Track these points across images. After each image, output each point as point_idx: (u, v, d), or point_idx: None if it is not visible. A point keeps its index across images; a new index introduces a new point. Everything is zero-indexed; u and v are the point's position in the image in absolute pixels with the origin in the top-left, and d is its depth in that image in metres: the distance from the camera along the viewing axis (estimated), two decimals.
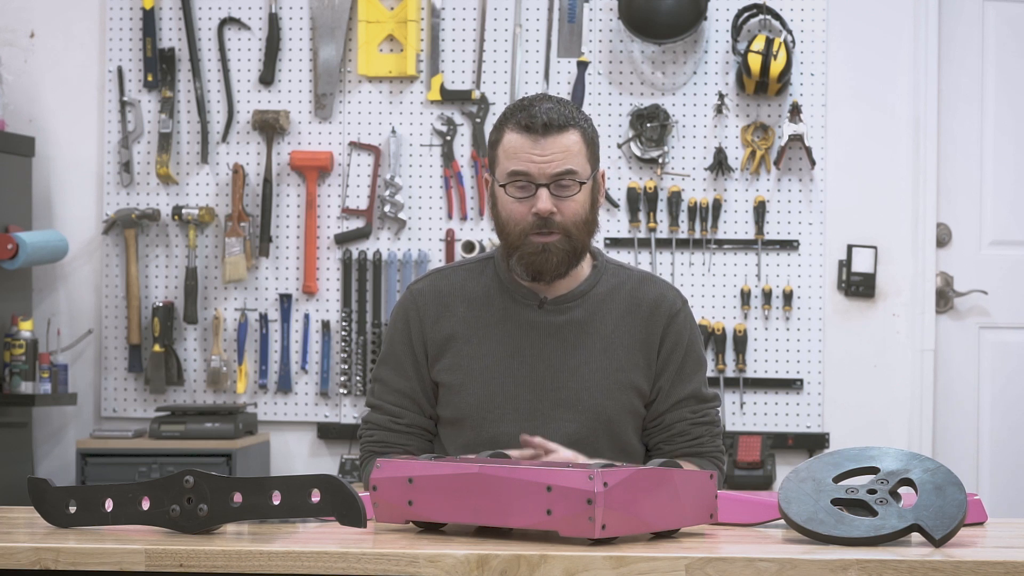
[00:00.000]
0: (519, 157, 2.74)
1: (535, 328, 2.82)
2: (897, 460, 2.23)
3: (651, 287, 2.88)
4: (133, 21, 5.26)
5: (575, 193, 2.75)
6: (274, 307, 5.22)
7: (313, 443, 5.22)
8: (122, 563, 2.04)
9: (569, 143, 2.75)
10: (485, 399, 2.79)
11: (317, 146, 5.22)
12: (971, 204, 5.19)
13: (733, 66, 5.11)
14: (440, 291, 2.86)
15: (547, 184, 2.73)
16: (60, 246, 5.10)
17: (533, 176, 2.74)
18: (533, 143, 2.73)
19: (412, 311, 2.86)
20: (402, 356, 2.86)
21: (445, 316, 2.84)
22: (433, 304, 2.85)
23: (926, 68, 5.11)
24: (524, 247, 2.76)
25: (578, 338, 2.81)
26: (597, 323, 2.83)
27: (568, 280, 2.85)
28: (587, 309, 2.84)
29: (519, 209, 2.75)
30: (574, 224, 2.76)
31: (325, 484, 2.13)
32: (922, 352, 5.11)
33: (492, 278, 2.86)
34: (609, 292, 2.86)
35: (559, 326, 2.82)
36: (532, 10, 5.19)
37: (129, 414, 5.24)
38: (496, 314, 2.83)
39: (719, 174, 5.11)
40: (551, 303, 2.83)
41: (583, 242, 2.79)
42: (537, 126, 2.73)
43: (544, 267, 2.76)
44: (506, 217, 2.78)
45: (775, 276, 5.11)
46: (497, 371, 2.80)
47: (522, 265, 2.77)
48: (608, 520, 2.06)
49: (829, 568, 1.95)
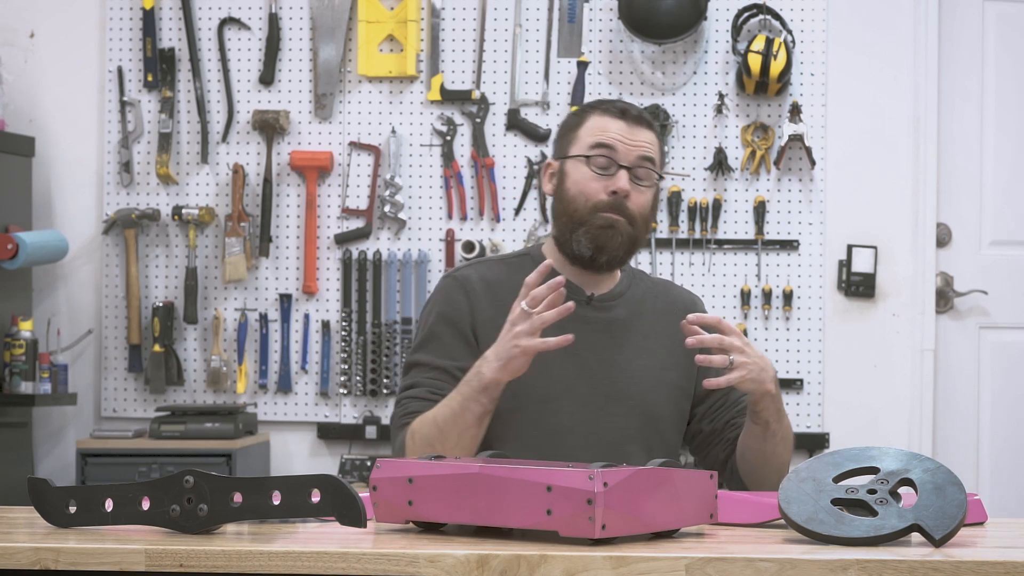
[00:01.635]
0: (608, 133, 2.80)
1: (586, 323, 2.82)
2: (897, 460, 2.23)
3: (680, 292, 2.97)
4: (133, 21, 5.26)
5: (648, 187, 2.82)
6: (274, 307, 5.22)
7: (313, 443, 5.22)
8: (122, 563, 2.04)
9: (652, 139, 2.83)
10: (544, 391, 2.77)
11: (317, 146, 5.22)
12: (971, 204, 5.19)
13: (733, 66, 5.11)
14: (488, 280, 2.85)
15: (629, 167, 2.78)
16: (60, 246, 5.10)
17: (618, 154, 2.79)
18: (623, 125, 2.81)
19: (460, 294, 2.83)
20: (446, 337, 2.81)
21: (495, 305, 2.81)
22: (482, 291, 2.83)
23: (926, 68, 5.11)
24: (593, 220, 2.78)
25: (624, 335, 2.83)
26: (638, 323, 2.86)
27: (608, 281, 2.88)
28: (628, 309, 2.87)
29: (594, 185, 2.79)
30: (640, 216, 2.81)
31: (325, 484, 2.13)
32: (922, 352, 5.11)
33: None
34: (643, 295, 2.90)
35: (607, 322, 2.84)
36: (532, 10, 5.19)
37: (129, 414, 5.24)
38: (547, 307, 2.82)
39: (719, 174, 5.11)
40: (598, 299, 2.84)
41: (642, 239, 2.85)
42: (630, 113, 2.82)
43: (608, 243, 2.78)
44: (576, 192, 2.80)
45: (775, 276, 5.12)
46: (553, 364, 2.78)
47: (588, 237, 2.79)
48: (608, 520, 2.06)
49: (829, 568, 1.95)
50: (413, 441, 2.73)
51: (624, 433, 2.78)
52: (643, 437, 2.80)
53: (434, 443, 2.68)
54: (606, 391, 2.81)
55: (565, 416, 2.79)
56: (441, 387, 2.78)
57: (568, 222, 2.81)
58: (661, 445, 2.83)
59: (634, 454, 2.78)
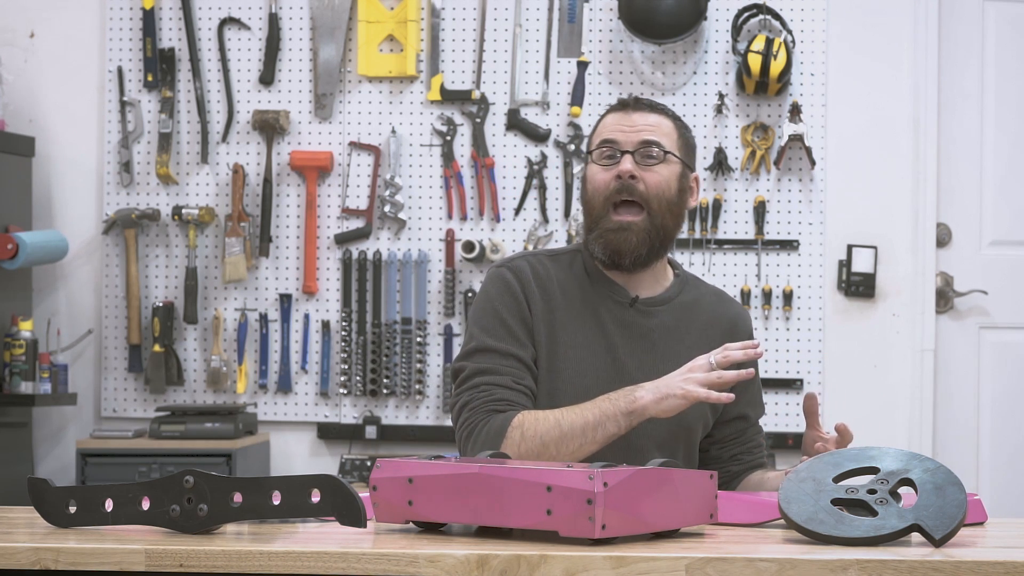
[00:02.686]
0: (610, 128, 2.81)
1: (628, 327, 2.81)
2: (897, 460, 2.23)
3: (730, 305, 2.93)
4: (133, 21, 5.26)
5: (658, 164, 2.78)
6: (274, 307, 5.22)
7: (313, 443, 5.22)
8: (122, 563, 2.04)
9: (658, 122, 2.82)
10: (582, 388, 2.76)
11: (317, 146, 5.22)
12: (971, 204, 5.19)
13: (733, 66, 5.11)
14: (538, 273, 2.84)
15: (632, 151, 2.78)
16: (60, 246, 5.10)
17: (619, 143, 2.79)
18: (624, 115, 2.82)
19: (515, 285, 2.81)
20: (513, 325, 2.79)
21: (545, 298, 2.81)
22: (535, 283, 2.82)
23: (926, 68, 5.11)
24: (604, 223, 2.77)
25: (666, 344, 2.82)
26: (682, 332, 2.84)
27: (655, 283, 2.86)
28: (674, 316, 2.85)
29: (603, 177, 2.79)
30: (656, 197, 2.77)
31: (325, 484, 2.13)
32: (922, 352, 5.11)
33: (581, 270, 2.85)
34: (692, 303, 2.88)
35: (649, 329, 2.82)
36: (532, 10, 5.19)
37: (129, 414, 5.24)
38: (590, 307, 2.81)
39: (719, 174, 5.11)
40: (642, 303, 2.83)
41: (667, 226, 2.79)
42: (629, 102, 2.84)
43: (623, 247, 2.76)
44: (592, 190, 2.80)
45: (775, 276, 5.12)
46: (591, 364, 2.78)
47: (600, 243, 2.78)
48: (608, 520, 2.06)
49: (829, 568, 1.95)
50: (522, 435, 2.67)
51: (653, 440, 2.77)
52: (670, 446, 2.80)
53: (549, 445, 2.65)
54: None
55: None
56: (521, 376, 2.75)
57: (587, 224, 2.81)
58: (686, 456, 2.83)
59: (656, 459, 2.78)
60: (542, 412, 2.70)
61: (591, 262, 2.85)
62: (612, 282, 2.83)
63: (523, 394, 2.74)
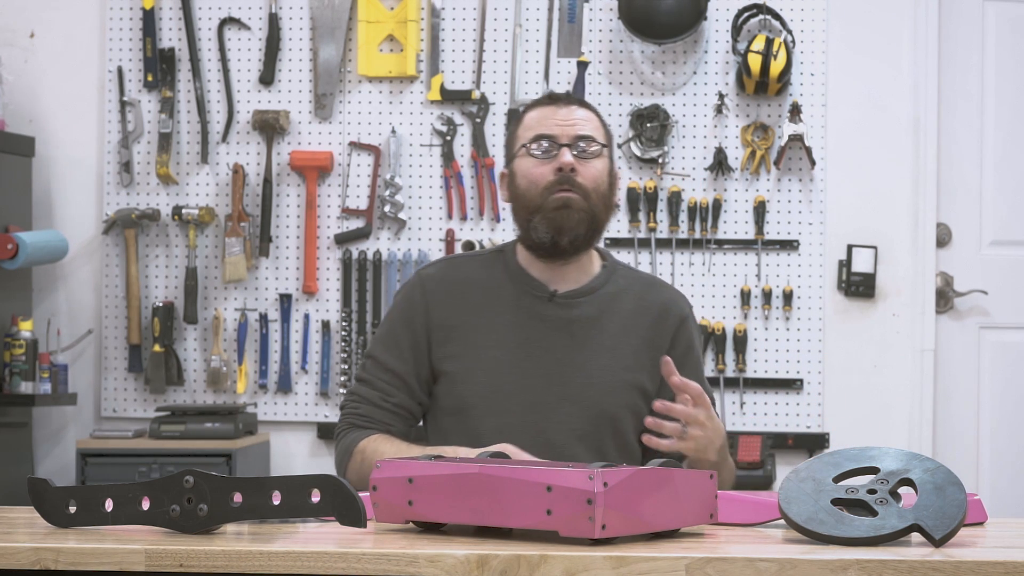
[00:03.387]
0: (543, 123, 2.83)
1: (545, 321, 2.82)
2: (897, 460, 2.23)
3: (661, 291, 2.92)
4: (133, 21, 5.26)
5: (594, 158, 2.83)
6: (274, 307, 5.22)
7: (313, 443, 5.22)
8: (122, 563, 2.04)
9: (587, 116, 2.86)
10: (493, 389, 2.78)
11: (317, 146, 5.22)
12: (971, 204, 5.19)
13: (733, 66, 5.11)
14: (451, 278, 2.87)
15: (569, 144, 2.81)
16: (60, 246, 5.10)
17: (557, 137, 2.82)
18: (555, 111, 2.84)
19: (419, 295, 2.87)
20: (401, 338, 2.86)
21: (454, 303, 2.85)
22: (443, 290, 2.86)
23: (926, 68, 5.11)
24: (547, 204, 2.80)
25: (587, 334, 2.82)
26: (606, 321, 2.84)
27: (579, 274, 2.87)
28: (597, 306, 2.85)
29: (541, 170, 2.81)
30: (594, 189, 2.82)
31: (325, 484, 2.13)
32: (922, 352, 5.11)
33: (503, 270, 2.88)
34: (618, 292, 2.88)
35: (569, 321, 2.83)
36: (532, 10, 5.19)
37: (129, 414, 5.24)
38: (505, 304, 2.84)
39: (719, 174, 5.11)
40: (561, 296, 2.84)
41: (601, 215, 2.84)
42: (558, 97, 2.87)
43: (566, 223, 2.79)
44: (527, 184, 2.82)
45: (775, 276, 5.11)
46: (505, 361, 2.80)
47: (545, 222, 2.80)
48: (608, 520, 2.06)
49: (829, 568, 1.95)
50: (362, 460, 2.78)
51: (574, 434, 2.78)
52: (595, 438, 2.79)
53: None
54: (559, 391, 2.80)
55: (513, 415, 2.80)
56: (392, 393, 2.85)
57: (525, 213, 2.84)
58: (616, 447, 2.82)
59: (582, 455, 2.78)
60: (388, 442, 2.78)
61: (513, 261, 2.88)
62: (531, 278, 2.86)
63: (388, 411, 2.84)
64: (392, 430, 2.84)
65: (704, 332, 5.09)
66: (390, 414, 2.85)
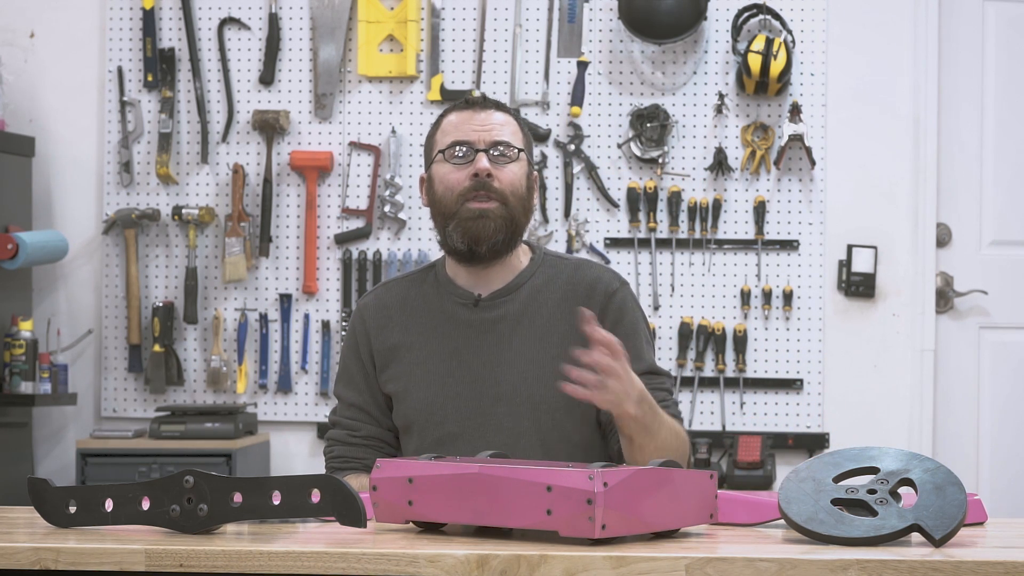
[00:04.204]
0: (460, 128, 2.82)
1: (471, 326, 2.84)
2: (897, 460, 2.23)
3: (587, 271, 2.89)
4: (133, 21, 5.26)
5: (511, 163, 2.81)
6: (274, 307, 5.22)
7: (313, 443, 5.22)
8: (122, 563, 2.04)
9: (505, 120, 2.85)
10: (428, 402, 2.82)
11: (317, 146, 5.22)
12: (971, 204, 5.19)
13: (733, 66, 5.11)
14: (384, 303, 2.91)
15: (486, 149, 2.80)
16: (60, 246, 5.10)
17: (472, 143, 2.80)
18: (472, 115, 2.83)
19: (359, 325, 2.91)
20: (354, 371, 2.91)
21: (388, 327, 2.88)
22: (377, 317, 2.89)
23: (926, 68, 5.11)
24: (461, 213, 2.79)
25: (513, 331, 2.82)
26: (532, 314, 2.84)
27: (504, 272, 2.86)
28: (521, 302, 2.85)
29: (457, 176, 2.80)
30: (512, 193, 2.80)
31: (325, 484, 2.13)
32: (922, 352, 5.11)
33: (432, 284, 2.90)
34: (545, 282, 2.87)
35: (494, 322, 2.83)
36: (532, 10, 5.19)
37: (129, 414, 5.24)
38: (435, 318, 2.86)
39: (719, 174, 5.11)
40: (486, 300, 2.84)
41: (519, 219, 2.82)
42: (475, 101, 2.86)
43: (482, 232, 2.78)
44: (443, 189, 2.81)
45: (775, 276, 5.11)
46: (438, 373, 2.83)
47: (459, 232, 2.79)
48: (608, 520, 2.06)
49: (829, 568, 1.95)
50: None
51: (515, 432, 2.78)
52: (538, 432, 2.79)
53: None
54: (493, 392, 2.80)
55: (451, 424, 2.81)
56: (358, 427, 2.88)
57: (441, 220, 2.83)
58: (561, 437, 2.80)
59: (529, 450, 2.78)
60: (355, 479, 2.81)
61: (443, 272, 2.89)
62: (456, 286, 2.86)
63: (359, 447, 2.88)
64: (367, 463, 2.86)
65: (704, 332, 5.08)
66: (361, 448, 2.88)
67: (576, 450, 2.80)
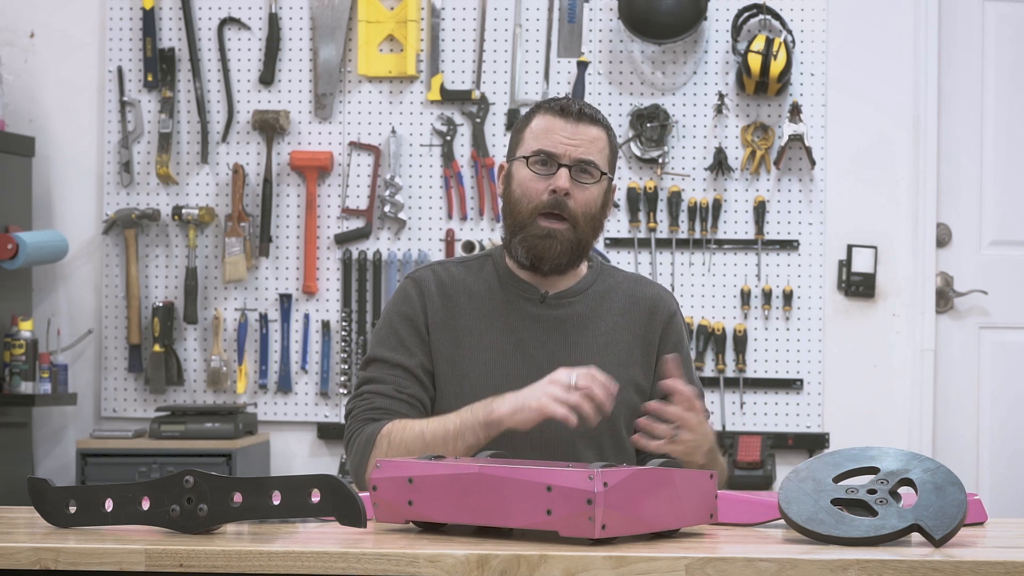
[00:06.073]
0: (549, 137, 2.79)
1: (537, 321, 2.83)
2: (897, 460, 2.23)
3: (648, 287, 2.92)
4: (133, 21, 5.26)
5: (592, 184, 2.79)
6: (274, 307, 5.22)
7: (313, 443, 5.22)
8: (122, 563, 2.04)
9: (596, 136, 2.81)
10: (488, 391, 2.78)
11: (317, 146, 5.22)
12: (971, 204, 5.19)
13: (733, 66, 5.11)
14: (443, 281, 2.87)
15: (570, 166, 2.77)
16: (60, 246, 5.10)
17: (558, 156, 2.77)
18: (565, 125, 2.79)
19: (415, 294, 2.86)
20: (406, 336, 2.84)
21: (447, 306, 2.84)
22: (436, 292, 2.85)
23: (926, 68, 5.11)
24: (530, 228, 2.78)
25: (579, 333, 2.83)
26: (597, 319, 2.85)
27: (567, 278, 2.87)
28: (587, 305, 2.86)
29: (536, 187, 2.78)
30: (584, 215, 2.78)
31: (325, 484, 2.13)
32: (922, 352, 5.11)
33: (492, 273, 2.88)
34: (607, 290, 2.89)
35: (561, 320, 2.83)
36: (532, 10, 5.19)
37: (129, 414, 5.24)
38: (498, 307, 2.84)
39: (719, 174, 5.11)
40: (552, 297, 2.84)
41: (587, 239, 2.82)
42: (572, 112, 2.80)
43: (546, 253, 2.78)
44: (520, 194, 2.79)
45: (775, 276, 5.12)
46: (500, 364, 2.80)
47: (524, 247, 2.79)
48: (608, 520, 2.06)
49: (829, 568, 1.95)
50: (389, 443, 2.72)
51: (573, 432, 2.78)
52: (593, 436, 2.79)
53: (414, 452, 2.68)
54: None
55: None
56: (405, 385, 2.80)
57: (511, 226, 2.82)
58: (613, 443, 2.82)
59: (582, 453, 2.78)
60: (411, 421, 2.74)
61: (502, 264, 2.87)
62: (522, 281, 2.85)
63: (404, 402, 2.79)
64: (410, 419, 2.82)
65: (704, 332, 5.09)
66: (406, 405, 2.80)
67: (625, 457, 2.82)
